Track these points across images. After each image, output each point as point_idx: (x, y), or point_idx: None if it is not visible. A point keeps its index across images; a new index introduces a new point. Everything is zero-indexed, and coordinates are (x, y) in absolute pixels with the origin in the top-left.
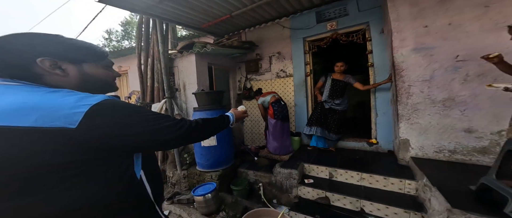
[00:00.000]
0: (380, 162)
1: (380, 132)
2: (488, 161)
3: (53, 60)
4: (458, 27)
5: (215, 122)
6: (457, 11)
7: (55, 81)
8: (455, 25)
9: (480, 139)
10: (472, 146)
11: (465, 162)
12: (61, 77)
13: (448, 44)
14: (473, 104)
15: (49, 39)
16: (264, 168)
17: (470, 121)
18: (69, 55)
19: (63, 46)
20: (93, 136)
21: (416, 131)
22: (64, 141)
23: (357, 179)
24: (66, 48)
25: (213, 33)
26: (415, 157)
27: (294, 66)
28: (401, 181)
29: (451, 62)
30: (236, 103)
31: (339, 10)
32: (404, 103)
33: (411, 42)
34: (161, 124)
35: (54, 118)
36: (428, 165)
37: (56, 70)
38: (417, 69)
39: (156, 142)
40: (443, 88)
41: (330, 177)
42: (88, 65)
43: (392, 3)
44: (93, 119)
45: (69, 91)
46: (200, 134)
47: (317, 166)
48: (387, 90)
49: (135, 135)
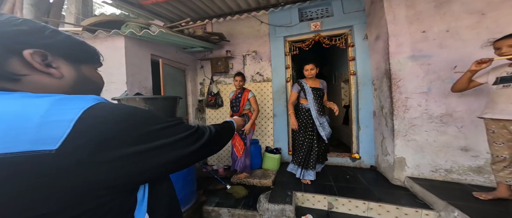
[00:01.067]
0: (377, 184)
1: (363, 146)
2: (482, 181)
3: (45, 55)
4: (455, 35)
5: (226, 129)
6: (454, 17)
7: (41, 87)
8: (453, 32)
9: (476, 157)
10: (468, 165)
11: (461, 181)
12: (53, 80)
13: (446, 53)
14: (469, 121)
15: (39, 28)
16: (242, 202)
17: (466, 139)
18: (67, 51)
19: (59, 39)
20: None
21: (412, 149)
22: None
23: (363, 209)
24: (64, 42)
25: (163, 16)
26: (411, 177)
27: (273, 69)
28: (417, 211)
29: (449, 73)
30: (196, 113)
31: (322, 10)
32: (401, 118)
33: (408, 48)
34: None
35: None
36: (431, 188)
37: (50, 68)
38: (414, 80)
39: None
40: (440, 103)
41: (329, 207)
42: (86, 66)
43: (388, 3)
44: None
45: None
46: (217, 145)
47: (313, 195)
48: (370, 102)
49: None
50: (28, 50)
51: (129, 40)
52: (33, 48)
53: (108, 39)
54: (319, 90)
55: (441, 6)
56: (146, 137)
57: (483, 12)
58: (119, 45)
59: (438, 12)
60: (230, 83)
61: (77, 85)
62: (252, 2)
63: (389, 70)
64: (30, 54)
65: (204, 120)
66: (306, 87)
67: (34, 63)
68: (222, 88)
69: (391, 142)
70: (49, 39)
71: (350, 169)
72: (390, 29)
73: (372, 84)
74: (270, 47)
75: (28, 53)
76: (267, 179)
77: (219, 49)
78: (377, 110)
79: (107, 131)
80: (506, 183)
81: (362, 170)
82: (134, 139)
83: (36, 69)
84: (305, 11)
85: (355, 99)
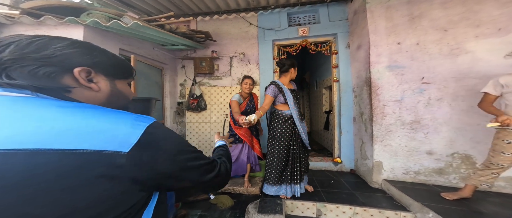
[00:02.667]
0: (358, 188)
1: (344, 150)
2: (443, 181)
3: (89, 71)
4: (423, 48)
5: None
6: (423, 31)
7: (83, 97)
8: (421, 45)
9: (438, 160)
10: (432, 167)
11: (426, 182)
12: (92, 93)
13: (416, 64)
14: (433, 128)
15: (91, 49)
16: (229, 214)
17: (431, 144)
18: (106, 68)
19: (101, 58)
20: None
21: (388, 153)
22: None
23: (349, 214)
24: (104, 60)
25: (136, 8)
26: (388, 180)
27: (261, 72)
28: (397, 214)
29: (418, 84)
30: (174, 117)
31: (310, 17)
32: (379, 124)
33: (386, 58)
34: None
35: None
36: (405, 189)
37: (91, 83)
38: (390, 89)
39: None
40: (411, 111)
41: (318, 214)
42: (120, 82)
43: (371, 14)
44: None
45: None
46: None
47: (302, 202)
48: (350, 108)
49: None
50: (78, 68)
51: (90, 30)
52: (81, 66)
53: (60, 27)
54: (296, 92)
55: (413, 20)
56: (185, 155)
57: (446, 29)
58: (75, 35)
59: (411, 26)
60: (215, 85)
61: (110, 97)
62: (242, 2)
63: (369, 79)
64: (78, 72)
65: (184, 124)
66: (285, 89)
67: (80, 79)
68: (206, 91)
69: (370, 146)
70: (96, 59)
71: (333, 173)
72: (371, 39)
73: (352, 92)
74: (258, 50)
75: (77, 71)
76: (254, 186)
77: (204, 48)
78: (357, 116)
79: (161, 143)
80: (479, 186)
81: (344, 174)
82: (177, 154)
83: (80, 84)
84: (293, 16)
85: (338, 106)
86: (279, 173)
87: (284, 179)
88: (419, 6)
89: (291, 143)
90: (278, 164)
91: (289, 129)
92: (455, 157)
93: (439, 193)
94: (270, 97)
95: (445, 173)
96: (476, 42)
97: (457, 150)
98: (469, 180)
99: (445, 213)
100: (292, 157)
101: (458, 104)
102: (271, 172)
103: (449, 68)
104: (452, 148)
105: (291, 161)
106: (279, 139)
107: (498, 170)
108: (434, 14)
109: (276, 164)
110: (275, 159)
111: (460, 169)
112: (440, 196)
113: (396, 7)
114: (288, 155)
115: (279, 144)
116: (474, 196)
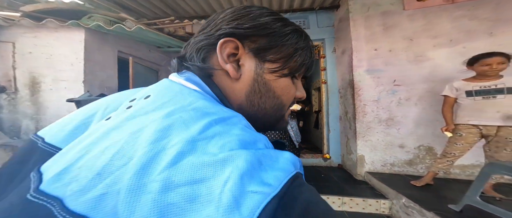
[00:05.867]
0: (345, 181)
1: (332, 147)
2: (412, 171)
3: (238, 46)
4: (395, 55)
5: None
6: (394, 40)
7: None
8: (393, 52)
9: (408, 153)
10: (404, 159)
11: (400, 173)
12: (228, 81)
13: (389, 69)
14: (404, 125)
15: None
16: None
17: (402, 138)
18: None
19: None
20: None
21: (368, 148)
22: None
23: (338, 204)
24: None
25: (131, 10)
26: (369, 172)
27: None
28: (377, 201)
29: (391, 86)
30: None
31: (301, 22)
32: (361, 122)
33: (365, 63)
34: None
35: None
36: (383, 180)
37: (233, 64)
38: (369, 90)
39: None
40: (386, 109)
41: None
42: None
43: (353, 23)
44: None
45: None
46: None
47: None
48: (337, 108)
49: None
50: (223, 38)
51: (91, 33)
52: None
53: (60, 30)
54: None
55: (387, 30)
56: None
57: (412, 38)
58: (76, 38)
59: (385, 34)
60: None
61: (252, 93)
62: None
63: (352, 81)
64: (222, 44)
65: None
66: None
67: (223, 56)
68: None
69: (354, 142)
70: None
71: (323, 168)
72: (354, 45)
73: (338, 93)
74: None
75: (221, 43)
76: None
77: None
78: (343, 115)
79: None
80: (437, 173)
81: (332, 169)
82: None
83: (219, 65)
84: None
85: (326, 106)
86: None
87: None
88: (392, 17)
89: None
90: None
91: None
92: (421, 149)
93: (409, 181)
94: None
95: (414, 163)
96: (434, 51)
97: (422, 143)
98: (430, 168)
99: (414, 198)
100: None
101: (422, 104)
102: None
103: (415, 73)
104: (418, 141)
105: None
106: (269, 136)
107: (452, 158)
108: (403, 25)
109: None
110: None
111: (425, 160)
112: (410, 184)
113: (374, 17)
114: None
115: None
116: (436, 183)
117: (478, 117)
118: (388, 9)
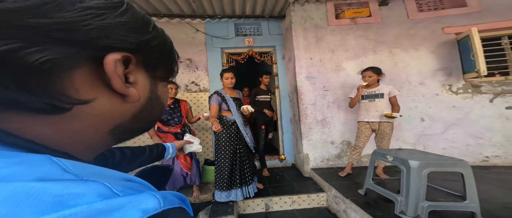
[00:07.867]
0: (296, 179)
1: (286, 148)
2: (341, 163)
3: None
4: (323, 64)
5: None
6: (323, 51)
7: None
8: (322, 62)
9: (337, 148)
10: (335, 154)
11: (333, 166)
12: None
13: (321, 76)
14: (332, 124)
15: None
16: None
17: (332, 136)
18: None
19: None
20: None
21: (311, 146)
22: None
23: (289, 203)
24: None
25: None
26: (313, 168)
27: (211, 79)
28: (318, 195)
29: (322, 91)
30: None
31: (254, 29)
32: (304, 123)
33: (305, 70)
34: None
35: None
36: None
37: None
38: (309, 94)
39: None
40: (320, 111)
41: (266, 209)
42: (162, 83)
43: (295, 33)
44: None
45: None
46: None
47: (252, 200)
48: (288, 111)
49: None
50: (115, 54)
51: None
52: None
53: None
54: (238, 100)
55: (318, 41)
56: None
57: (333, 50)
58: None
59: (317, 45)
60: None
61: (142, 111)
62: (186, 8)
63: (296, 86)
64: (115, 62)
65: None
66: (227, 97)
67: (115, 77)
68: None
69: (301, 142)
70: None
71: (279, 169)
72: (296, 53)
73: (288, 97)
74: (207, 57)
75: (114, 60)
76: (207, 193)
77: None
78: (292, 117)
79: None
80: (353, 163)
81: (287, 168)
82: None
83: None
84: (240, 27)
85: (279, 109)
86: (228, 177)
87: (234, 184)
88: (321, 31)
89: (237, 147)
90: (227, 168)
91: (233, 134)
92: (344, 144)
93: (338, 173)
94: (214, 106)
95: (341, 157)
96: (346, 63)
97: (344, 139)
98: (348, 160)
99: (340, 187)
100: (239, 160)
101: (342, 106)
102: (221, 178)
103: (336, 80)
104: (342, 137)
105: (239, 164)
106: (224, 143)
107: (359, 149)
108: (328, 39)
109: (225, 168)
110: (223, 164)
111: (347, 152)
112: (338, 175)
113: (309, 29)
114: (235, 159)
115: (225, 148)
116: (354, 172)
117: (367, 115)
118: (318, 23)
